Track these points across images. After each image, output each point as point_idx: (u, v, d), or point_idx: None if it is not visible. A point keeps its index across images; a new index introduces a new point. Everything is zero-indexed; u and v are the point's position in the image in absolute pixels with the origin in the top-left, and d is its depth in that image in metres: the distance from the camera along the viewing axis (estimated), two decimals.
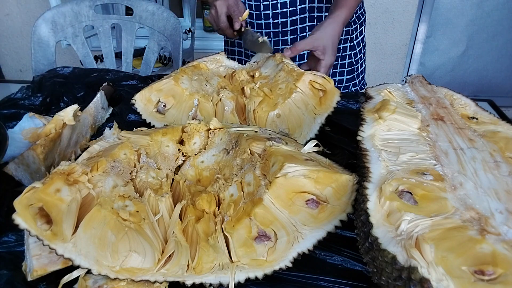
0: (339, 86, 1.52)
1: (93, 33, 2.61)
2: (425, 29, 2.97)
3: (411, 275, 0.48)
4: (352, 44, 1.49)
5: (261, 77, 1.13)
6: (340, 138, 1.04)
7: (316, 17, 1.40)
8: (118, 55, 1.97)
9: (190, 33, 2.68)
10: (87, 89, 1.28)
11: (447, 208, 0.55)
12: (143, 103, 1.08)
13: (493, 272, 0.46)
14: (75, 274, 0.66)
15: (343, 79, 1.53)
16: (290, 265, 0.66)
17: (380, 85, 0.93)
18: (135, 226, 0.66)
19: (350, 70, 1.52)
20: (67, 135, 0.95)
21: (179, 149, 0.87)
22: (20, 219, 0.62)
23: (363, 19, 1.52)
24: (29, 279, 0.66)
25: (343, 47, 1.47)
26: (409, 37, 2.98)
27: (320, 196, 0.69)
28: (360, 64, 1.56)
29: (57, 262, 0.67)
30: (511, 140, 0.71)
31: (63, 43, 2.56)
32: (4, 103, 1.22)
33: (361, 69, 1.58)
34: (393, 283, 0.51)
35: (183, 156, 0.87)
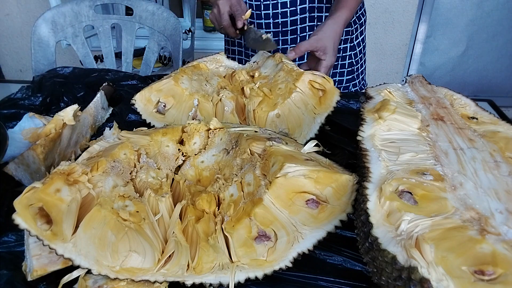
0: (339, 86, 1.52)
1: (93, 33, 2.61)
2: (425, 29, 2.97)
3: (411, 275, 0.48)
4: (352, 44, 1.49)
5: (261, 77, 1.13)
6: (340, 138, 1.04)
7: (316, 17, 1.40)
8: (118, 55, 1.97)
9: (190, 33, 2.68)
10: (87, 89, 1.28)
11: (447, 208, 0.55)
12: (143, 103, 1.08)
13: (493, 272, 0.46)
14: (75, 274, 0.66)
15: (343, 79, 1.53)
16: (290, 265, 0.66)
17: (380, 85, 0.93)
18: (135, 226, 0.66)
19: (350, 70, 1.52)
20: (67, 135, 0.95)
21: (179, 149, 0.87)
22: (20, 219, 0.62)
23: (363, 19, 1.52)
24: (29, 279, 0.66)
25: (343, 47, 1.47)
26: (409, 37, 2.98)
27: (320, 196, 0.69)
28: (360, 64, 1.56)
29: (57, 262, 0.67)
30: (511, 140, 0.71)
31: (63, 43, 2.57)
32: (4, 103, 1.22)
33: (361, 69, 1.58)
34: (393, 283, 0.51)
35: (183, 156, 0.87)
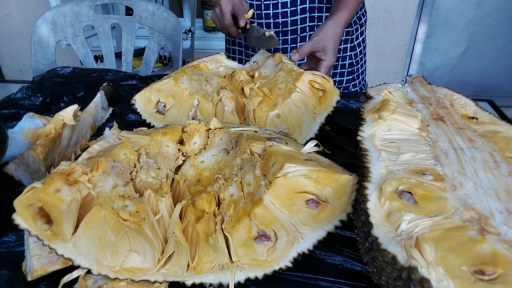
0: (339, 86, 1.52)
1: (93, 33, 2.61)
2: (425, 29, 2.97)
3: (411, 275, 0.48)
4: (352, 44, 1.49)
5: (261, 77, 1.13)
6: (340, 138, 1.04)
7: (316, 17, 1.39)
8: (118, 55, 1.96)
9: (190, 33, 2.68)
10: (87, 89, 1.28)
11: (447, 208, 0.55)
12: (143, 103, 1.08)
13: (493, 272, 0.46)
14: (75, 274, 0.66)
15: (343, 79, 1.53)
16: (290, 265, 0.66)
17: (380, 85, 0.93)
18: (135, 226, 0.66)
19: (350, 70, 1.52)
20: (67, 135, 0.95)
21: (179, 149, 0.87)
22: (20, 219, 0.62)
23: (364, 19, 1.52)
24: (29, 279, 0.66)
25: (343, 48, 1.47)
26: (409, 37, 2.98)
27: (320, 196, 0.69)
28: (360, 64, 1.56)
29: (57, 262, 0.67)
30: (511, 140, 0.71)
31: (63, 43, 2.57)
32: (4, 103, 1.22)
33: (362, 69, 1.58)
34: (393, 283, 0.51)
35: (183, 156, 0.87)
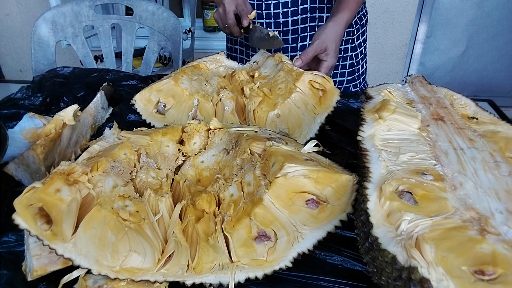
0: (339, 86, 1.52)
1: (93, 33, 2.61)
2: (425, 29, 2.97)
3: (411, 275, 0.48)
4: (353, 45, 1.49)
5: (261, 77, 1.13)
6: (340, 138, 1.04)
7: (317, 18, 1.39)
8: (118, 55, 1.97)
9: (190, 33, 2.68)
10: (87, 89, 1.28)
11: (447, 208, 0.55)
12: (143, 103, 1.08)
13: (493, 272, 0.46)
14: (75, 274, 0.66)
15: (344, 79, 1.53)
16: (290, 265, 0.66)
17: (380, 85, 0.93)
18: (135, 226, 0.66)
19: (351, 71, 1.52)
20: (67, 135, 0.95)
21: (179, 149, 0.87)
22: (20, 219, 0.62)
23: (364, 20, 1.52)
24: (29, 279, 0.66)
25: (344, 48, 1.47)
26: (409, 37, 2.98)
27: (320, 196, 0.69)
28: (361, 65, 1.56)
29: (57, 262, 0.67)
30: (511, 140, 0.71)
31: (63, 43, 2.57)
32: (4, 103, 1.22)
33: (362, 70, 1.58)
34: (393, 283, 0.51)
35: (183, 156, 0.87)
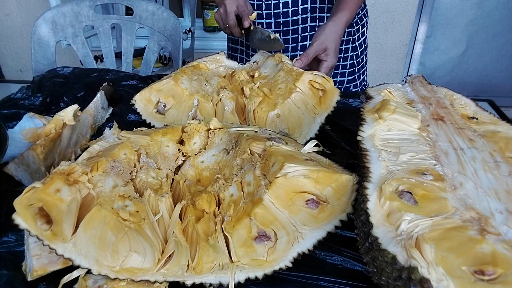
0: (340, 87, 1.52)
1: (93, 33, 2.61)
2: (425, 29, 2.97)
3: (411, 275, 0.48)
4: (354, 45, 1.49)
5: (261, 77, 1.13)
6: (340, 138, 1.04)
7: (318, 18, 1.40)
8: (118, 55, 1.97)
9: (190, 33, 2.68)
10: (87, 89, 1.28)
11: (447, 208, 0.55)
12: (143, 103, 1.08)
13: (493, 272, 0.46)
14: (75, 274, 0.66)
15: (344, 79, 1.53)
16: (290, 265, 0.66)
17: (380, 85, 0.93)
18: (135, 226, 0.66)
19: (351, 71, 1.52)
20: (67, 135, 0.95)
21: (179, 149, 0.87)
22: (20, 219, 0.62)
23: (365, 20, 1.52)
24: (29, 279, 0.66)
25: (345, 48, 1.47)
26: (409, 37, 2.98)
27: (320, 196, 0.69)
28: (361, 65, 1.56)
29: (57, 262, 0.67)
30: (511, 140, 0.71)
31: (63, 43, 2.57)
32: (4, 103, 1.22)
33: (363, 70, 1.58)
34: (393, 283, 0.51)
35: (183, 156, 0.87)
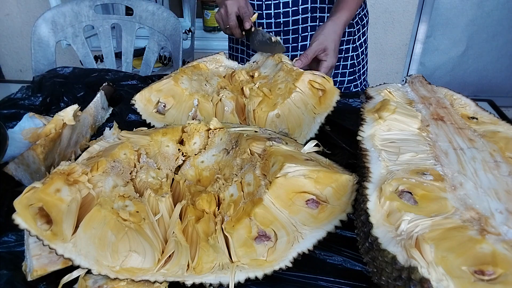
0: (340, 87, 1.52)
1: (93, 33, 2.61)
2: (425, 29, 2.97)
3: (411, 275, 0.48)
4: (354, 45, 1.49)
5: (261, 77, 1.13)
6: (340, 138, 1.04)
7: (318, 17, 1.40)
8: (118, 55, 1.97)
9: (190, 33, 2.68)
10: (87, 89, 1.28)
11: (447, 208, 0.55)
12: (143, 103, 1.08)
13: (493, 272, 0.46)
14: (75, 274, 0.66)
15: (344, 79, 1.53)
16: (290, 265, 0.66)
17: (380, 85, 0.93)
18: (135, 226, 0.66)
19: (352, 71, 1.52)
20: (67, 135, 0.95)
21: (179, 149, 0.87)
22: (20, 219, 0.62)
23: (366, 20, 1.52)
24: (29, 279, 0.66)
25: (345, 48, 1.47)
26: (409, 37, 2.98)
27: (320, 196, 0.69)
28: (362, 65, 1.56)
29: (57, 262, 0.67)
30: (511, 140, 0.71)
31: (63, 43, 2.57)
32: (4, 103, 1.22)
33: (363, 70, 1.58)
34: (393, 283, 0.51)
35: (183, 156, 0.87)
